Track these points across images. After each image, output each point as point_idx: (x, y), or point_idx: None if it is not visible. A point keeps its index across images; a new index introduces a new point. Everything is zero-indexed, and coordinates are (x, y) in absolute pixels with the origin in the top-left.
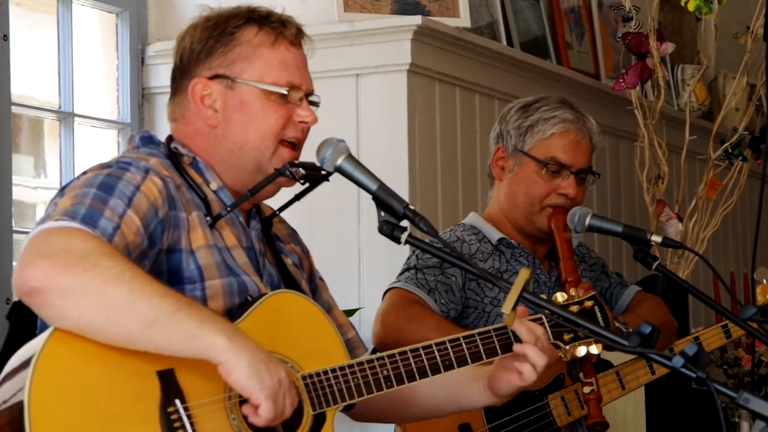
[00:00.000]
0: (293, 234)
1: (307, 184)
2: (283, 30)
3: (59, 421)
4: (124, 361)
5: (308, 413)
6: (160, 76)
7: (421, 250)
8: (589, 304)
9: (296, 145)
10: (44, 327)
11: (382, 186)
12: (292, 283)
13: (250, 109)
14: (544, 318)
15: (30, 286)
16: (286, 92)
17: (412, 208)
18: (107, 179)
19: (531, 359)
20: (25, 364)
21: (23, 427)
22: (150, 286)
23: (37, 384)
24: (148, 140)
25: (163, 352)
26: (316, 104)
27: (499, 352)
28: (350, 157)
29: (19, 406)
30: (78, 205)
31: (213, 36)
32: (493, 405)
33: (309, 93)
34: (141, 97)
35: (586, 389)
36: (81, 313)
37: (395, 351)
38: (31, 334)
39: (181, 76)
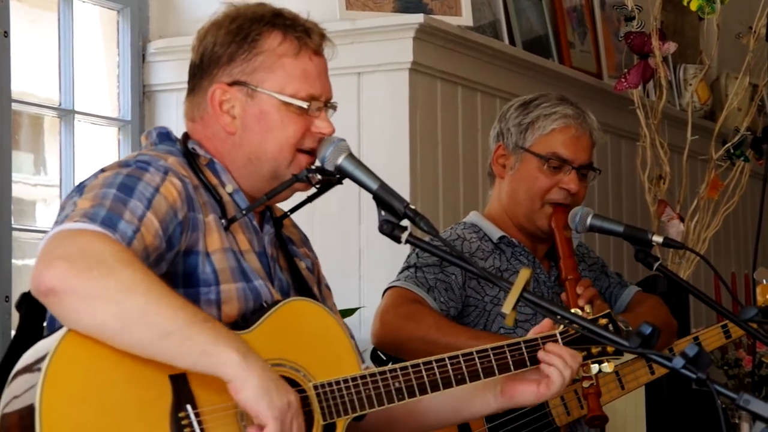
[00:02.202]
0: (306, 239)
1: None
2: (307, 40)
3: (70, 423)
4: (136, 364)
5: (318, 423)
6: (161, 73)
7: (421, 249)
8: (603, 321)
9: (313, 152)
10: (54, 320)
11: (383, 185)
12: (304, 289)
13: (269, 120)
14: (558, 336)
15: (47, 286)
16: (306, 106)
17: (413, 207)
18: (127, 180)
19: (559, 368)
20: (37, 363)
21: (34, 429)
22: (166, 298)
23: (49, 385)
24: (166, 137)
25: (175, 365)
26: (333, 108)
27: (512, 368)
28: (351, 156)
29: (31, 407)
30: (98, 206)
31: (236, 41)
32: (497, 411)
33: (328, 100)
34: (142, 94)
35: (585, 383)
36: (95, 318)
37: (408, 363)
38: (41, 326)
39: (200, 76)
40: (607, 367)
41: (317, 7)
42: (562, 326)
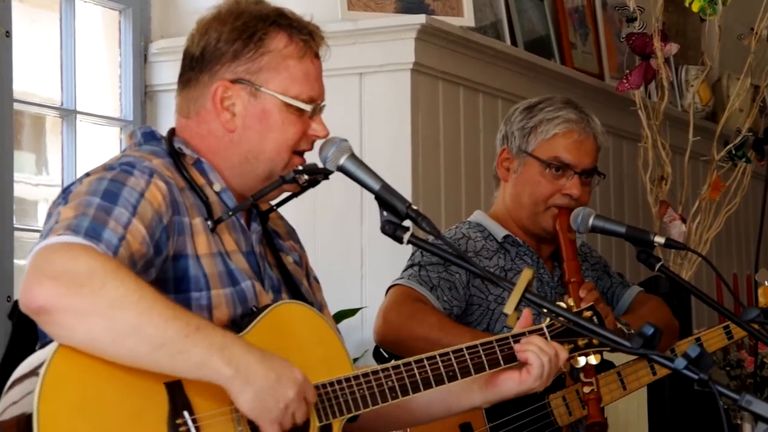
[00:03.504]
0: (292, 231)
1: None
2: (311, 43)
3: None
4: (131, 373)
5: (315, 425)
6: (163, 73)
7: (423, 250)
8: (587, 314)
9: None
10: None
11: (385, 186)
12: (293, 286)
13: (270, 120)
14: (545, 329)
15: (37, 305)
16: (309, 109)
17: (415, 207)
18: (111, 186)
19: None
20: (33, 373)
21: None
22: (158, 308)
23: (46, 397)
24: (150, 136)
25: (169, 375)
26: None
27: (502, 362)
28: (353, 156)
29: (28, 419)
30: (81, 216)
31: (242, 38)
32: (483, 407)
33: (322, 102)
34: (143, 94)
35: (586, 389)
36: (88, 334)
37: (400, 362)
38: (34, 334)
39: (199, 69)
40: (593, 359)
41: (319, 8)
42: (548, 320)
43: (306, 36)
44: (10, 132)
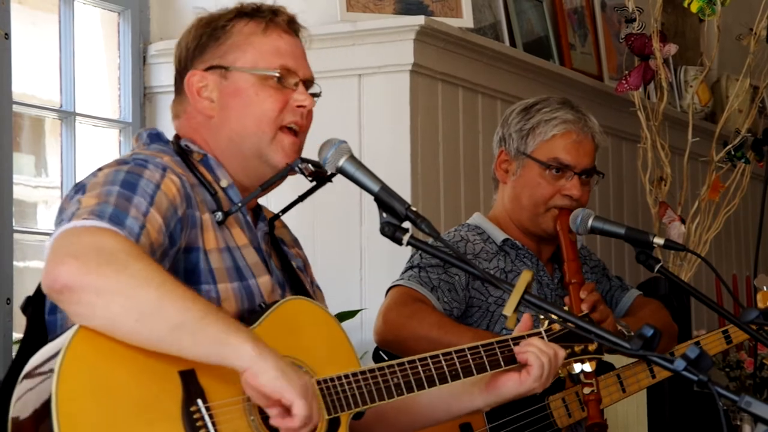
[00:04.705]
0: (296, 240)
1: (313, 183)
2: (273, 18)
3: (84, 418)
4: (146, 360)
5: (323, 418)
6: (162, 75)
7: (422, 251)
8: None
9: (298, 132)
10: (51, 323)
11: (384, 187)
12: (299, 286)
13: (245, 96)
14: (543, 333)
15: (61, 283)
16: (278, 74)
17: (414, 209)
18: (128, 176)
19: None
20: (49, 361)
21: (51, 423)
22: (178, 291)
23: (64, 382)
24: (156, 137)
25: (188, 357)
26: (316, 95)
27: (502, 363)
28: (352, 158)
29: (46, 402)
30: (104, 203)
31: (206, 32)
32: (483, 409)
33: (307, 80)
34: (143, 96)
35: (586, 390)
36: (110, 313)
37: (405, 360)
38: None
39: (180, 76)
40: (589, 366)
41: (318, 9)
42: (546, 323)
43: (266, 13)
44: (10, 134)
